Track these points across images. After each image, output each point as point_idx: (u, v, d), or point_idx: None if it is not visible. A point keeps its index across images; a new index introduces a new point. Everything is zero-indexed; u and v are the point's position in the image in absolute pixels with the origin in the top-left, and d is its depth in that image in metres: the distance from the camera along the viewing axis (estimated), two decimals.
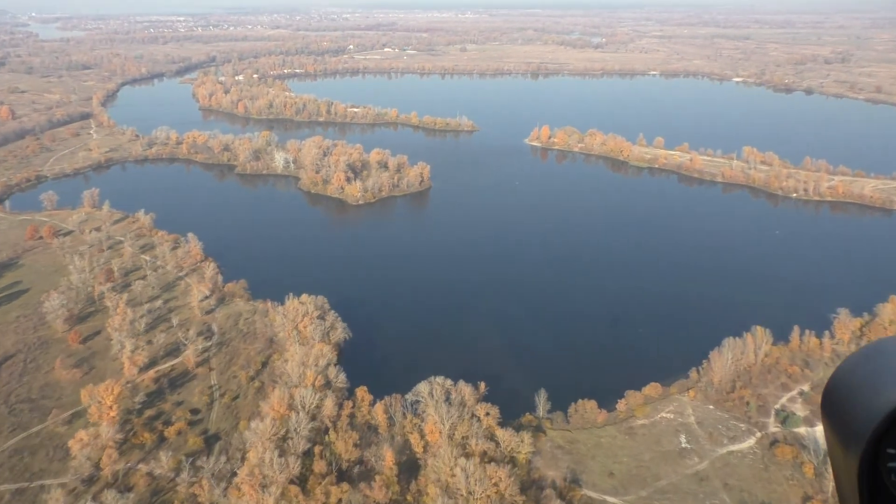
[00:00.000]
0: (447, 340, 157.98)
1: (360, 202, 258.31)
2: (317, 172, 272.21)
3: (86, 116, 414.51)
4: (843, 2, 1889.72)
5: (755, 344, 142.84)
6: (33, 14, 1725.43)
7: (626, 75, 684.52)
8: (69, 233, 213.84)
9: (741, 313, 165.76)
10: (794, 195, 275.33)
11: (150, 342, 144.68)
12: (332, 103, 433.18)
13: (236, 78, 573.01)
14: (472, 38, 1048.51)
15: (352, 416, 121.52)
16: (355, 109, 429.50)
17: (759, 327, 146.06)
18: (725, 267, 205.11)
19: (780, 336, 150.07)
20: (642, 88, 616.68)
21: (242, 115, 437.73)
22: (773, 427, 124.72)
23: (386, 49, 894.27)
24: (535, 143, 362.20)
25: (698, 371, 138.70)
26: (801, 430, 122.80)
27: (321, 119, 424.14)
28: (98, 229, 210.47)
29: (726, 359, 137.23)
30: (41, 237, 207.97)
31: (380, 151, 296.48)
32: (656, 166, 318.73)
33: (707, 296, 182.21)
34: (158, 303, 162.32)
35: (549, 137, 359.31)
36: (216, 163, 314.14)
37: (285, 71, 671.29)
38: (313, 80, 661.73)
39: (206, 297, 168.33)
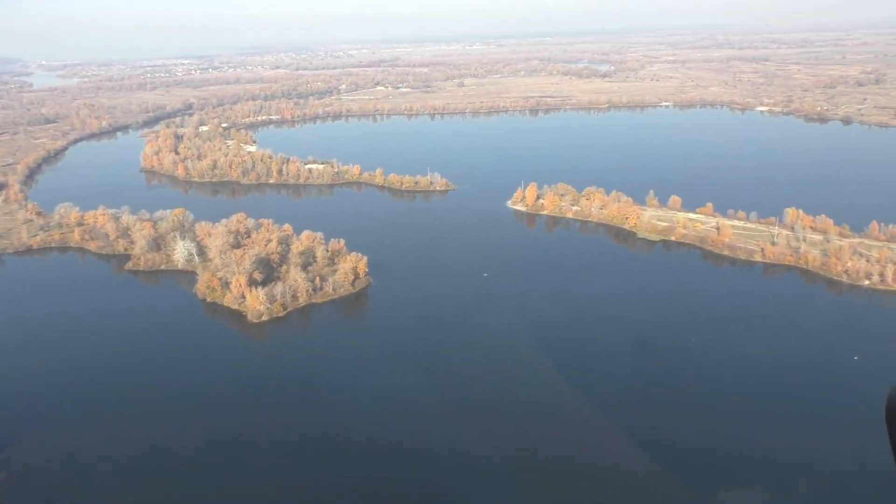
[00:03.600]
0: None
1: (264, 317, 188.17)
2: (214, 274, 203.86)
3: (1, 187, 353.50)
4: (862, 18, 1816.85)
5: None
6: (42, 62, 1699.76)
7: (636, 108, 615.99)
8: None
9: None
10: (867, 283, 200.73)
11: None
12: (286, 160, 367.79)
13: (200, 129, 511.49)
14: (472, 71, 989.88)
15: None
16: (311, 167, 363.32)
17: None
18: (785, 447, 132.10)
19: None
20: (653, 123, 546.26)
21: (183, 177, 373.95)
22: None
23: (378, 88, 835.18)
24: (519, 207, 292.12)
25: None
26: None
27: (272, 181, 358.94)
28: None
29: None
30: None
31: (310, 234, 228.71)
32: (672, 238, 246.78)
33: None
34: None
35: (537, 199, 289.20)
36: (112, 252, 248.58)
37: (260, 118, 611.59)
38: (291, 126, 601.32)
39: None
